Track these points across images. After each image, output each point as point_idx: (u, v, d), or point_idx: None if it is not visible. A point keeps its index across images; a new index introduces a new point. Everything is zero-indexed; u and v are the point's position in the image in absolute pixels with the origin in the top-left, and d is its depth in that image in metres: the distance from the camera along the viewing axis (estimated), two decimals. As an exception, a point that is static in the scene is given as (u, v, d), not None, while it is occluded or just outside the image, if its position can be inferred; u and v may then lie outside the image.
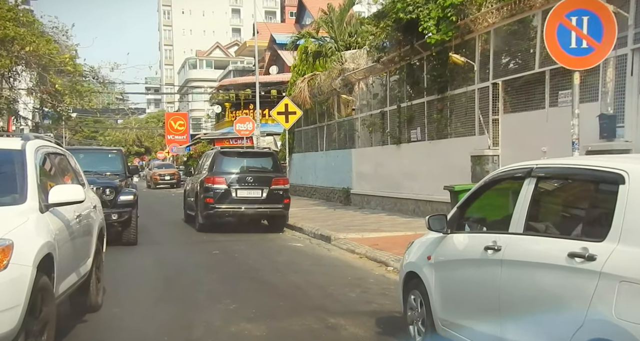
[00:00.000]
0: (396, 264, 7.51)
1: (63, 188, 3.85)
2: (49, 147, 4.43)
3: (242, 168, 11.91)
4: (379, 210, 14.22)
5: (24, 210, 3.49)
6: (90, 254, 4.66)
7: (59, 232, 3.76)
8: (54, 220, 3.76)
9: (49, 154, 4.34)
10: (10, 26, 15.91)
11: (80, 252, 4.33)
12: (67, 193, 3.79)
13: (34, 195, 3.62)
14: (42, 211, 3.64)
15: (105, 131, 64.19)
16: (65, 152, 4.99)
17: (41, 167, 4.01)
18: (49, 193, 3.74)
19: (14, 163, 3.77)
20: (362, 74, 14.93)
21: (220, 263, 8.05)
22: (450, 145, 10.93)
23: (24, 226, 3.33)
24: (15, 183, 3.64)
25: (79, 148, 14.09)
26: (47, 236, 3.50)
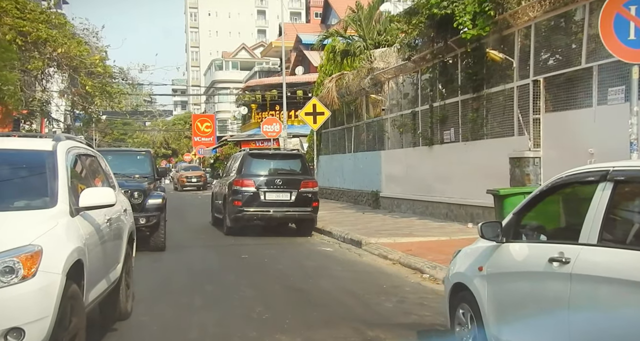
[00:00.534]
0: (432, 271, 7.18)
1: (94, 191, 3.70)
2: (80, 148, 4.28)
3: (271, 170, 11.71)
4: (410, 213, 13.84)
5: (54, 214, 3.34)
6: (120, 260, 4.49)
7: (89, 236, 3.60)
8: (84, 225, 3.61)
9: (80, 156, 4.20)
10: (43, 28, 16.11)
11: (110, 258, 4.17)
12: (98, 197, 3.63)
13: (64, 198, 3.48)
14: (72, 215, 3.50)
15: (134, 133, 65.14)
16: (96, 154, 4.85)
17: (72, 169, 3.88)
18: (80, 197, 3.59)
19: (45, 165, 3.63)
20: (392, 72, 14.58)
21: (250, 268, 7.84)
22: (487, 146, 10.50)
23: (54, 231, 3.18)
24: (46, 186, 3.51)
25: (107, 149, 14.11)
26: (77, 241, 3.34)
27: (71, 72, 17.64)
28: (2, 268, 2.82)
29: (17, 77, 14.61)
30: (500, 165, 9.76)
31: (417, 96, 13.67)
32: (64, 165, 3.66)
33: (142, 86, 23.81)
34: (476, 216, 10.84)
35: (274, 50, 43.40)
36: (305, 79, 33.27)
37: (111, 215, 4.18)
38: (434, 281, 6.89)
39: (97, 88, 18.13)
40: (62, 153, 3.76)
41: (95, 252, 3.66)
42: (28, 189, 3.66)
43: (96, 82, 18.31)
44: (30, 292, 2.84)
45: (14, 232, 3.04)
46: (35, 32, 16.02)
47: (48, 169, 3.59)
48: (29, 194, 3.60)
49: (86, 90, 17.76)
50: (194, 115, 52.23)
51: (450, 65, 11.79)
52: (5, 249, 2.87)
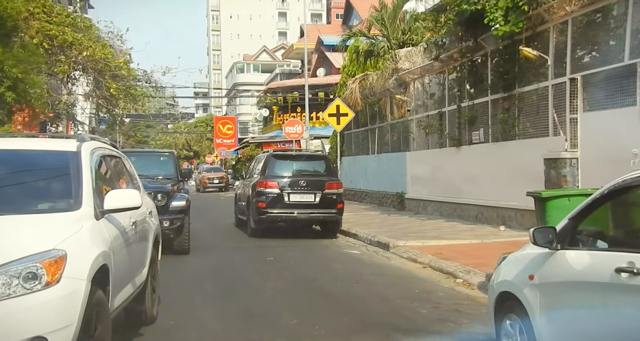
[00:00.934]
0: (466, 276, 6.89)
1: (119, 193, 3.54)
2: (104, 149, 4.14)
3: (295, 171, 11.54)
4: (437, 215, 13.51)
5: (78, 217, 3.19)
6: (145, 263, 4.34)
7: (115, 240, 3.45)
8: (110, 228, 3.46)
9: (104, 157, 4.06)
10: (69, 32, 16.24)
11: (135, 261, 4.02)
12: (123, 199, 3.47)
13: (89, 200, 3.34)
14: (97, 218, 3.35)
15: (157, 136, 65.82)
16: (120, 155, 4.71)
17: (97, 170, 3.74)
18: (105, 199, 3.44)
19: (69, 166, 3.49)
20: (417, 72, 14.28)
21: (276, 271, 7.64)
22: (519, 147, 10.14)
23: (78, 235, 3.03)
24: (70, 188, 3.37)
25: (130, 150, 14.06)
26: (103, 245, 3.18)
27: (96, 75, 17.75)
28: (25, 274, 2.67)
29: (44, 80, 14.72)
30: (533, 166, 9.40)
31: (444, 96, 13.35)
32: (88, 166, 3.52)
33: (164, 89, 23.88)
34: (508, 219, 10.49)
35: (295, 52, 43.35)
36: (326, 81, 33.12)
37: (136, 217, 4.02)
38: (468, 286, 6.60)
39: (121, 91, 18.22)
40: (87, 154, 3.62)
41: (120, 256, 3.51)
42: (52, 191, 3.53)
43: (120, 85, 18.40)
44: (54, 300, 2.69)
45: (37, 236, 2.90)
46: (62, 35, 16.16)
47: (72, 170, 3.45)
48: (52, 196, 3.46)
49: (110, 92, 17.85)
50: (216, 117, 52.52)
51: (480, 64, 11.45)
52: (28, 254, 2.72)
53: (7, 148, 3.73)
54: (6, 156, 3.63)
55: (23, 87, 11.53)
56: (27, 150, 3.73)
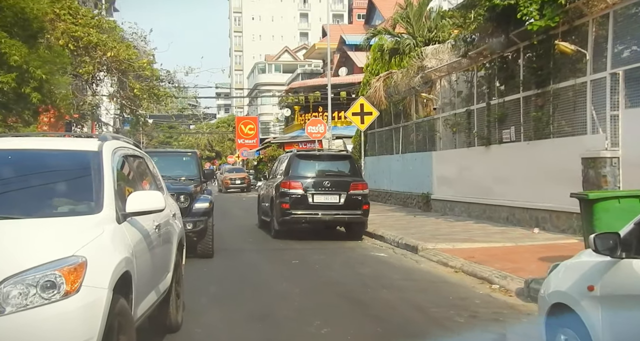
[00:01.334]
0: (502, 282, 6.53)
1: (142, 195, 3.32)
2: (127, 149, 3.93)
3: (319, 172, 11.30)
4: (465, 217, 13.12)
5: (99, 221, 2.99)
6: (170, 268, 4.12)
7: (137, 245, 3.24)
8: (132, 232, 3.25)
9: (127, 157, 3.85)
10: (94, 33, 16.31)
11: (159, 267, 3.81)
12: (146, 201, 3.26)
13: (110, 203, 3.14)
14: (119, 221, 3.15)
15: (179, 136, 66.37)
16: (143, 155, 4.51)
17: (119, 171, 3.55)
18: (127, 201, 3.23)
19: (90, 166, 3.29)
20: (444, 70, 13.90)
21: (302, 275, 7.40)
22: (554, 145, 9.71)
23: (99, 239, 2.83)
24: (91, 190, 3.17)
25: (152, 151, 13.92)
26: (125, 251, 2.98)
27: (120, 76, 17.80)
28: (43, 282, 2.47)
29: (69, 81, 14.77)
30: (570, 165, 8.98)
31: (472, 94, 12.95)
32: (109, 167, 3.31)
33: (187, 89, 23.92)
34: (542, 220, 10.07)
35: (317, 52, 43.17)
36: (348, 80, 32.87)
37: (160, 220, 3.81)
38: (506, 292, 6.26)
39: (144, 91, 18.24)
40: (108, 154, 3.43)
41: (143, 261, 3.30)
42: (72, 193, 3.32)
43: (143, 85, 18.43)
44: (74, 310, 2.49)
45: (55, 242, 2.71)
46: (87, 36, 16.24)
47: (93, 171, 3.24)
48: (72, 198, 3.26)
49: (134, 93, 17.89)
50: (238, 117, 52.64)
51: (511, 60, 11.04)
52: (46, 261, 2.52)
53: (26, 148, 3.56)
54: (25, 156, 3.46)
55: (48, 88, 11.52)
56: (46, 150, 3.55)
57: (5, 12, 10.19)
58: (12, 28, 10.49)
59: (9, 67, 10.36)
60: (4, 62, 10.29)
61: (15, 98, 10.98)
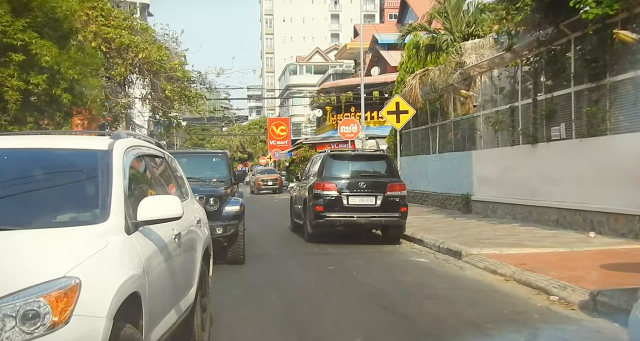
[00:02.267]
0: (562, 293, 5.87)
1: (155, 201, 2.82)
2: (144, 148, 3.46)
3: (354, 173, 10.79)
4: (509, 219, 12.38)
5: (103, 232, 2.51)
6: (193, 282, 3.64)
7: (152, 259, 2.76)
8: (145, 244, 2.77)
9: (144, 157, 3.39)
10: (126, 35, 16.26)
11: (180, 282, 3.33)
12: (160, 208, 2.77)
13: (118, 210, 2.66)
14: (128, 231, 2.67)
15: (212, 138, 66.92)
16: (165, 155, 4.04)
17: (133, 173, 3.10)
18: (138, 208, 2.75)
19: (97, 168, 2.83)
20: (485, 65, 13.19)
21: (338, 283, 6.90)
22: (610, 143, 8.94)
23: (101, 255, 2.34)
24: (96, 195, 2.70)
25: (181, 151, 13.69)
26: (134, 267, 2.51)
27: (151, 77, 17.73)
28: (24, 312, 1.98)
29: (101, 82, 14.71)
30: (629, 164, 8.22)
31: (516, 90, 12.21)
32: (120, 168, 2.85)
33: (218, 90, 23.79)
34: (598, 224, 9.29)
35: (348, 52, 42.70)
36: (381, 80, 32.30)
37: (181, 228, 3.32)
38: (567, 305, 5.60)
39: (175, 93, 18.12)
40: (120, 153, 2.96)
41: (159, 278, 2.83)
42: (74, 199, 2.83)
43: (175, 87, 18.32)
44: None
45: (44, 259, 2.21)
46: (119, 38, 16.20)
47: (100, 173, 2.79)
48: (74, 205, 2.76)
49: (165, 94, 17.79)
50: (269, 118, 52.63)
51: (560, 53, 10.28)
52: (28, 285, 2.03)
53: (26, 148, 3.09)
54: (24, 156, 3.00)
55: (79, 89, 11.38)
56: (48, 149, 3.07)
57: (36, 13, 10.05)
58: (43, 29, 10.36)
59: (40, 68, 10.24)
60: (35, 63, 10.17)
61: (47, 100, 10.88)
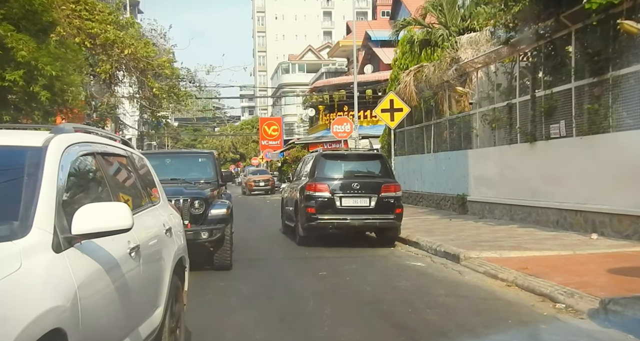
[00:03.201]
0: (569, 300, 5.49)
1: (96, 210, 2.25)
2: (97, 145, 2.89)
3: (347, 173, 10.39)
4: (507, 220, 12.03)
5: (20, 250, 1.97)
6: (159, 302, 3.11)
7: (91, 282, 2.25)
8: (82, 263, 2.24)
9: (96, 155, 2.81)
10: (111, 30, 15.75)
11: (139, 305, 2.80)
12: (102, 218, 2.23)
13: (45, 222, 2.14)
14: (58, 249, 2.15)
15: (203, 139, 66.35)
16: (132, 154, 3.50)
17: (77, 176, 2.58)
18: (73, 219, 2.22)
19: (23, 169, 2.31)
20: (482, 61, 12.82)
21: (332, 290, 6.48)
22: (614, 140, 8.58)
23: (7, 282, 1.80)
24: (17, 204, 2.16)
25: (164, 152, 13.18)
26: (57, 296, 1.98)
27: (138, 75, 17.23)
28: None
29: (84, 79, 14.20)
30: (635, 163, 7.87)
31: (513, 86, 11.85)
32: (54, 170, 2.33)
33: (208, 89, 23.33)
34: (600, 225, 8.94)
35: (341, 50, 42.35)
36: (374, 78, 31.97)
37: (142, 240, 2.80)
38: (575, 314, 5.22)
39: (163, 91, 17.64)
40: (56, 151, 2.43)
41: (103, 305, 2.32)
42: None
43: (163, 85, 17.84)
44: None
45: None
46: (104, 33, 15.68)
47: (27, 176, 2.26)
48: None
49: (153, 92, 17.30)
50: (261, 118, 52.14)
51: (560, 46, 9.93)
52: None
53: None
54: None
55: (60, 86, 10.88)
56: None
57: (11, 4, 9.54)
58: (20, 21, 9.86)
59: (17, 64, 9.74)
60: (11, 59, 9.67)
61: (25, 97, 10.38)
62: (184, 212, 7.17)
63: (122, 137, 3.64)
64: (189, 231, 7.11)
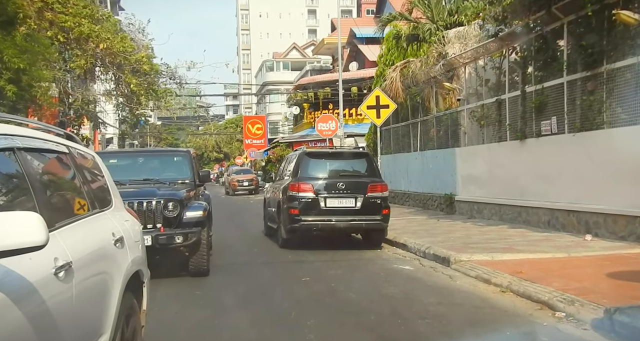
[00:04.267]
0: (569, 308, 5.10)
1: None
2: (19, 139, 2.29)
3: (332, 172, 9.95)
4: (496, 220, 11.69)
5: None
6: (103, 329, 2.57)
7: None
8: None
9: (15, 151, 2.21)
10: (86, 23, 15.11)
11: (71, 336, 2.21)
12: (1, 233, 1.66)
13: None
14: None
15: (187, 137, 65.43)
16: (72, 151, 2.92)
17: None
18: None
19: None
20: (470, 55, 12.46)
21: (315, 299, 6.02)
22: (608, 137, 8.26)
23: None
24: None
25: (137, 150, 12.52)
26: None
27: (115, 70, 16.59)
28: None
29: (54, 74, 13.54)
30: (632, 160, 7.54)
31: (502, 82, 11.50)
32: None
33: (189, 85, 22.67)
34: (594, 225, 8.61)
35: (326, 48, 41.87)
36: (359, 75, 31.58)
37: (75, 255, 2.27)
38: (577, 324, 4.83)
39: (142, 87, 17.01)
40: None
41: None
42: None
43: (141, 80, 17.21)
44: None
45: None
46: (78, 27, 15.04)
47: None
48: None
49: (130, 89, 16.67)
50: (245, 116, 51.47)
51: (551, 39, 9.59)
52: None
53: None
54: None
55: (27, 81, 10.27)
56: None
57: (-27, -6, 8.96)
58: (-18, 12, 9.28)
59: (-20, 57, 9.17)
60: (-27, 51, 9.10)
61: (-12, 92, 9.78)
62: (156, 215, 6.68)
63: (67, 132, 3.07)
64: (162, 235, 6.63)
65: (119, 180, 7.64)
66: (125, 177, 7.67)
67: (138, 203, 6.61)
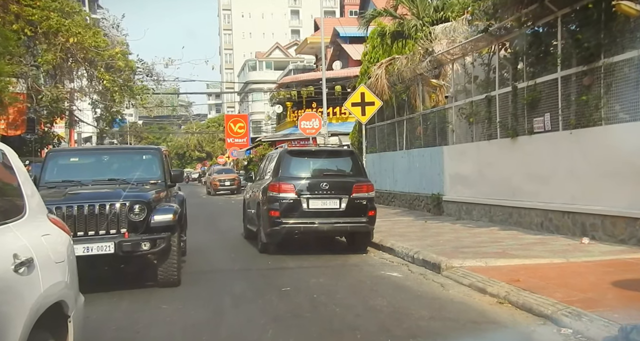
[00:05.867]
0: (576, 324, 4.59)
1: None
2: None
3: (315, 171, 9.38)
4: (486, 221, 11.24)
5: None
6: None
7: None
8: None
9: None
10: (55, 17, 14.35)
11: None
12: None
13: None
14: None
15: (168, 136, 64.39)
16: None
17: None
18: None
19: None
20: (458, 51, 11.99)
21: (296, 312, 5.44)
22: (606, 134, 7.82)
23: None
24: None
25: (102, 148, 11.71)
26: None
27: (87, 66, 15.83)
28: None
29: (19, 68, 12.78)
30: (631, 158, 7.12)
31: (492, 78, 11.06)
32: None
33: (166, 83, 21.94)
34: (591, 227, 8.17)
35: (309, 47, 41.30)
36: (343, 74, 31.14)
37: None
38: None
39: (116, 84, 16.26)
40: None
41: None
42: None
43: (116, 77, 16.46)
44: None
45: None
46: (46, 20, 14.27)
47: None
48: None
49: (104, 84, 15.92)
50: (227, 115, 50.69)
51: (544, 34, 9.15)
52: None
53: None
54: None
55: (-16, 75, 9.55)
56: None
57: None
58: None
59: None
60: None
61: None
62: (121, 219, 6.04)
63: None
64: (127, 241, 5.99)
65: (80, 181, 7.08)
66: (88, 177, 7.05)
67: (100, 205, 5.98)
